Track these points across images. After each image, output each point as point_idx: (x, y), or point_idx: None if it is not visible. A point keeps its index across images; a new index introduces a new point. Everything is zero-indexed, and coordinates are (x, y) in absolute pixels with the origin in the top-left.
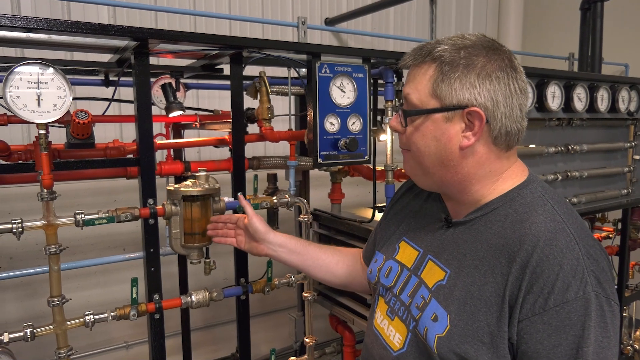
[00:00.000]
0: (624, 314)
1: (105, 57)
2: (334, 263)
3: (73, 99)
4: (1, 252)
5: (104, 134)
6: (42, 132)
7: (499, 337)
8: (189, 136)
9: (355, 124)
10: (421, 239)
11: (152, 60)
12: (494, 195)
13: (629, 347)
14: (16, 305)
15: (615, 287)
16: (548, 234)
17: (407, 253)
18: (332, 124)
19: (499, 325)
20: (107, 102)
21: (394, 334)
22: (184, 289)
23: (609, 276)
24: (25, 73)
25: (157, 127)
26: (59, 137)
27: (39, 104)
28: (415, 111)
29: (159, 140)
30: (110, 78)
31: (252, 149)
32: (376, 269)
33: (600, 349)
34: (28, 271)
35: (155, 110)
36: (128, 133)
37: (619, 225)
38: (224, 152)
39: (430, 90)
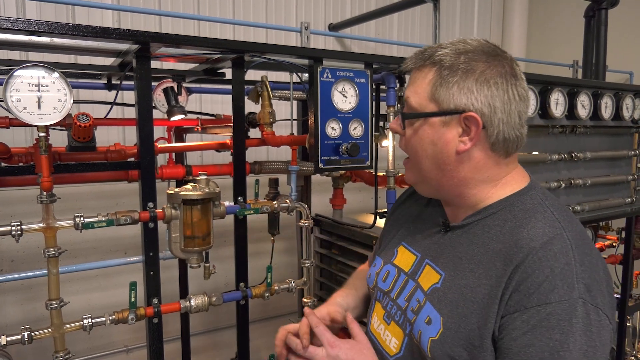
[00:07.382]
0: (628, 324)
1: (108, 61)
2: None
3: (76, 102)
4: (2, 255)
5: (107, 137)
6: (42, 134)
7: (487, 340)
8: (192, 140)
9: (357, 129)
10: (419, 244)
11: (155, 64)
12: (492, 200)
13: (632, 358)
14: (17, 308)
15: (618, 297)
16: (545, 238)
17: (405, 257)
18: (333, 128)
19: (487, 325)
20: (110, 106)
21: (390, 339)
22: (184, 293)
23: (603, 288)
24: (26, 76)
25: (160, 131)
26: (61, 140)
27: (39, 107)
28: (413, 114)
29: (160, 144)
30: (113, 82)
31: (254, 154)
32: (374, 273)
33: (585, 358)
34: (28, 274)
35: (157, 114)
36: (131, 136)
37: (623, 234)
38: (226, 156)
39: (429, 94)
